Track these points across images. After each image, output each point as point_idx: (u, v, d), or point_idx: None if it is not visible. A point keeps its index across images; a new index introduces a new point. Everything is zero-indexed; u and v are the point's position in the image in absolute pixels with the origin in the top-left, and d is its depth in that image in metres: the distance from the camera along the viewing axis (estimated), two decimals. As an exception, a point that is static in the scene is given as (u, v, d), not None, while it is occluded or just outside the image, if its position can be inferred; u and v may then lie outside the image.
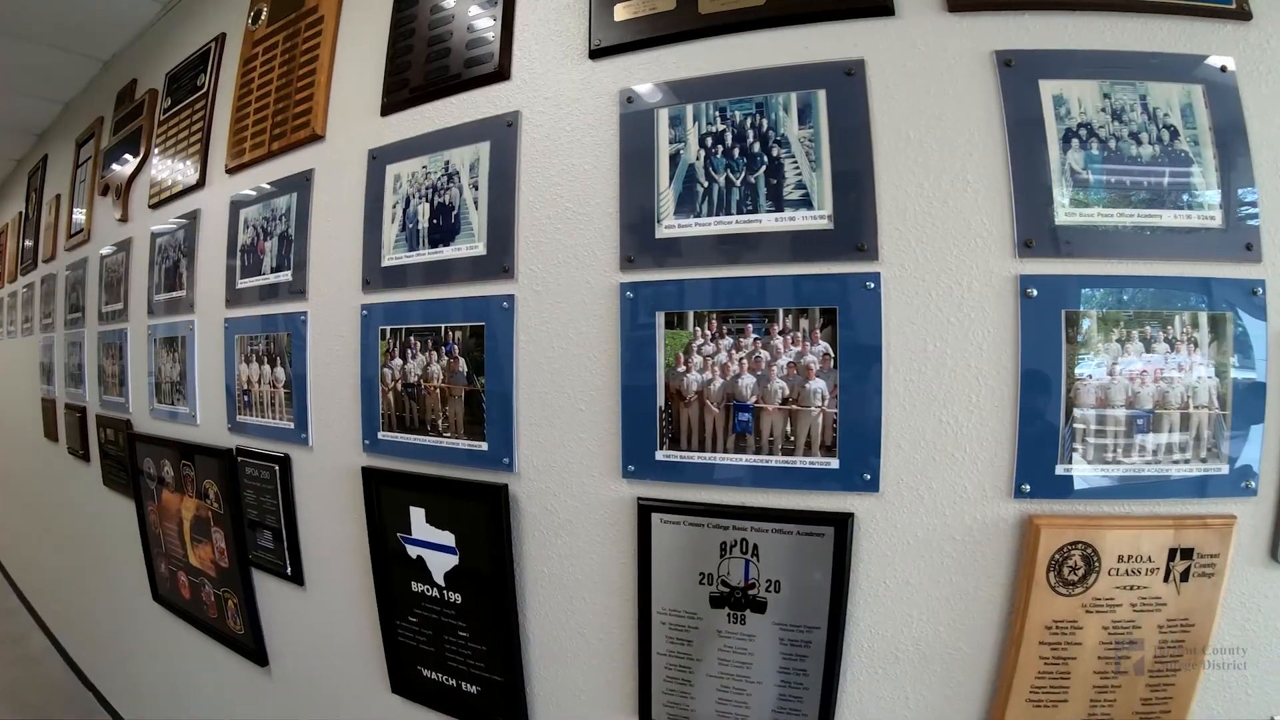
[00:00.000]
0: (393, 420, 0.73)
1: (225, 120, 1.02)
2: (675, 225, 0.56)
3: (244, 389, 0.95)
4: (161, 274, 1.18)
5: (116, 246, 1.38)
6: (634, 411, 0.57)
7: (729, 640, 0.56)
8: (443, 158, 0.70)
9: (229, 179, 1.01)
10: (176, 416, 1.12)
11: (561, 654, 0.65)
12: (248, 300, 0.95)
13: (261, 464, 0.92)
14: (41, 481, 2.03)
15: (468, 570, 0.67)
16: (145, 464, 1.19)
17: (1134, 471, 0.48)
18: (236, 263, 0.97)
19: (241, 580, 0.99)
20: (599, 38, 0.61)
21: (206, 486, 1.04)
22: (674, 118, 0.57)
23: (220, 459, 0.99)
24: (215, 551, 1.03)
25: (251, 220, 0.95)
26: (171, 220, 1.15)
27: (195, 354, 1.08)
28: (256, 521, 0.95)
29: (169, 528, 1.15)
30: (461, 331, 0.66)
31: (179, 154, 1.14)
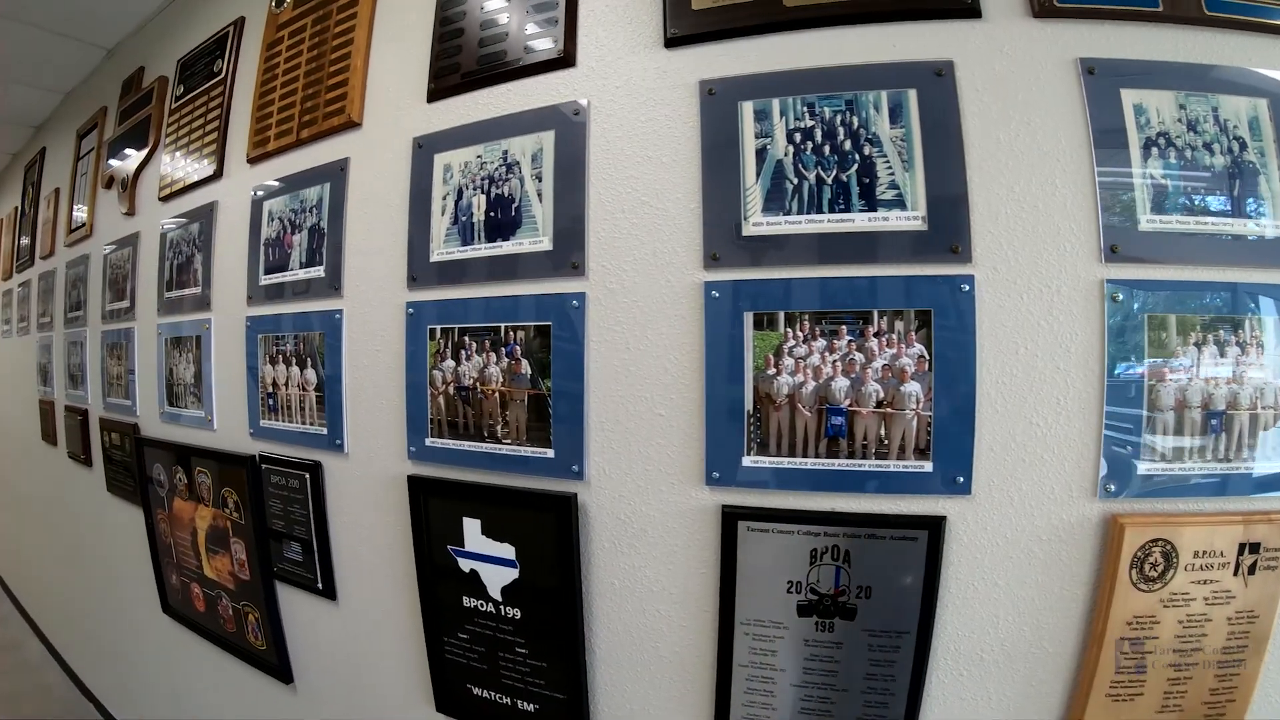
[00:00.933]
0: (443, 426, 0.67)
1: (246, 108, 0.93)
2: (764, 223, 0.54)
3: (269, 392, 0.87)
4: (173, 270, 1.07)
5: (122, 242, 1.27)
6: (719, 416, 0.54)
7: (815, 649, 0.54)
8: (500, 147, 0.65)
9: (250, 169, 0.92)
10: (190, 420, 1.02)
11: (630, 669, 0.61)
12: (273, 297, 0.87)
13: (289, 472, 0.84)
14: (39, 486, 1.91)
15: (529, 584, 0.63)
16: (155, 470, 1.10)
17: (1208, 470, 0.50)
18: (260, 258, 0.88)
19: (265, 594, 0.90)
20: (675, 27, 0.58)
21: (225, 495, 0.95)
22: (759, 112, 0.55)
23: (241, 466, 0.90)
24: (234, 563, 0.95)
25: (277, 213, 0.86)
26: (185, 213, 1.05)
27: (212, 354, 0.98)
28: (282, 533, 0.87)
29: (181, 537, 1.06)
30: (525, 331, 0.62)
31: (193, 144, 1.05)
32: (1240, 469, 0.50)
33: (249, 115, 0.93)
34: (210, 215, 1.00)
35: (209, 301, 0.99)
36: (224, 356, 0.97)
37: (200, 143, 1.04)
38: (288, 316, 0.85)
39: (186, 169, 1.06)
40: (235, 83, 0.98)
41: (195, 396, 1.03)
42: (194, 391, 1.03)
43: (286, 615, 0.91)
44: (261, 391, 0.89)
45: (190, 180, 1.05)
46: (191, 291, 1.03)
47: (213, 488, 0.98)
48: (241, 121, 0.95)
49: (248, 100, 0.93)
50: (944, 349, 0.51)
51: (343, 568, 0.82)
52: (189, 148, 1.07)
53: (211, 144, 1.01)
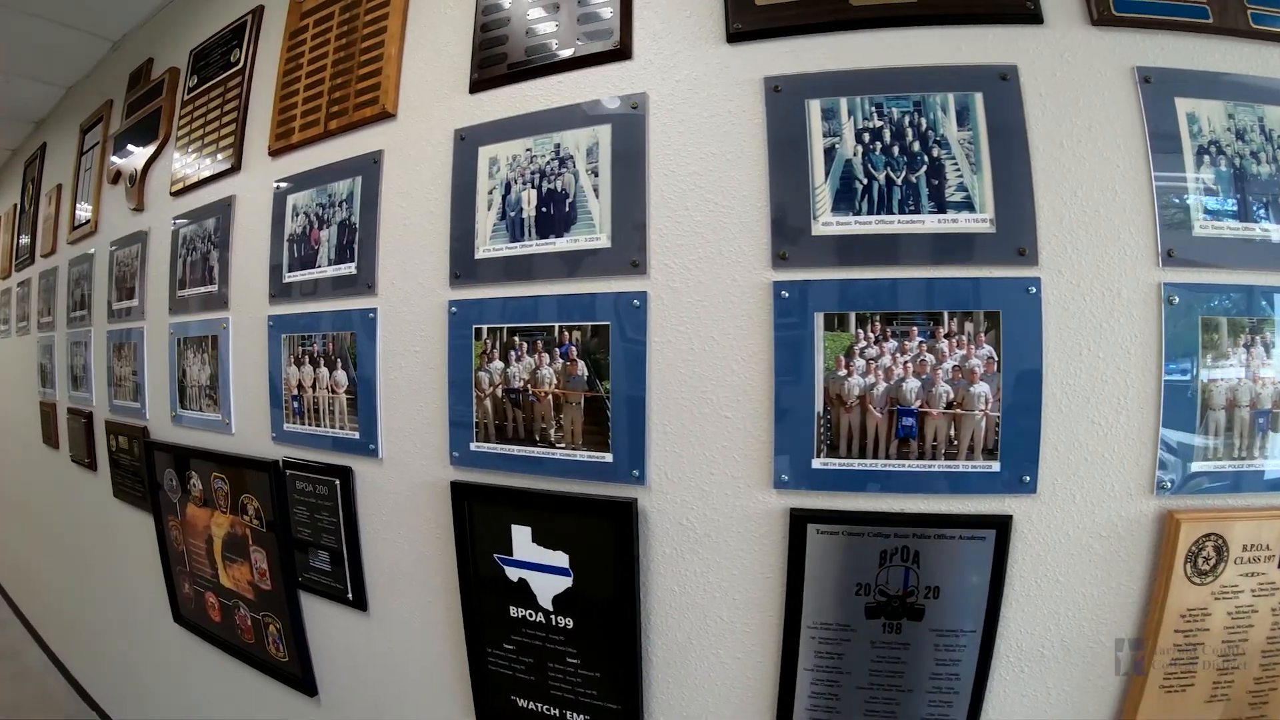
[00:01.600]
0: (490, 430, 0.64)
1: (267, 99, 0.88)
2: (834, 222, 0.53)
3: (294, 394, 0.82)
4: (186, 268, 1.01)
5: (129, 239, 1.23)
6: (788, 418, 0.53)
7: (882, 650, 0.53)
8: (551, 140, 0.62)
9: (272, 162, 0.87)
10: (206, 424, 0.96)
11: (689, 676, 0.59)
12: (299, 295, 0.81)
13: (317, 478, 0.79)
14: (40, 491, 1.84)
15: (583, 593, 0.60)
16: (166, 476, 1.04)
17: (1257, 466, 0.52)
18: (284, 254, 0.83)
19: (288, 604, 0.85)
20: (738, 22, 0.56)
21: (245, 501, 0.89)
22: (827, 111, 0.54)
23: (263, 472, 0.85)
24: (254, 573, 0.90)
25: (302, 207, 0.81)
26: (199, 209, 0.99)
27: (230, 355, 0.92)
28: (309, 541, 0.82)
29: (195, 545, 1.00)
30: (581, 331, 0.59)
31: (208, 136, 0.98)
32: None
33: (270, 106, 0.87)
34: (228, 210, 0.94)
35: (226, 300, 0.93)
36: (243, 357, 0.91)
37: (216, 135, 0.98)
38: (316, 315, 0.80)
39: (201, 162, 1.00)
40: (254, 73, 0.93)
41: (211, 399, 0.96)
42: (209, 393, 0.97)
43: (311, 626, 0.86)
44: (285, 394, 0.83)
45: (206, 174, 0.99)
46: (207, 289, 0.97)
47: (230, 494, 0.92)
48: (262, 113, 0.90)
49: (269, 91, 0.88)
50: (1012, 350, 0.51)
51: (374, 577, 0.77)
52: (204, 140, 1.00)
53: (229, 136, 0.95)
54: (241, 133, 0.94)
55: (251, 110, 0.93)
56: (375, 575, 0.78)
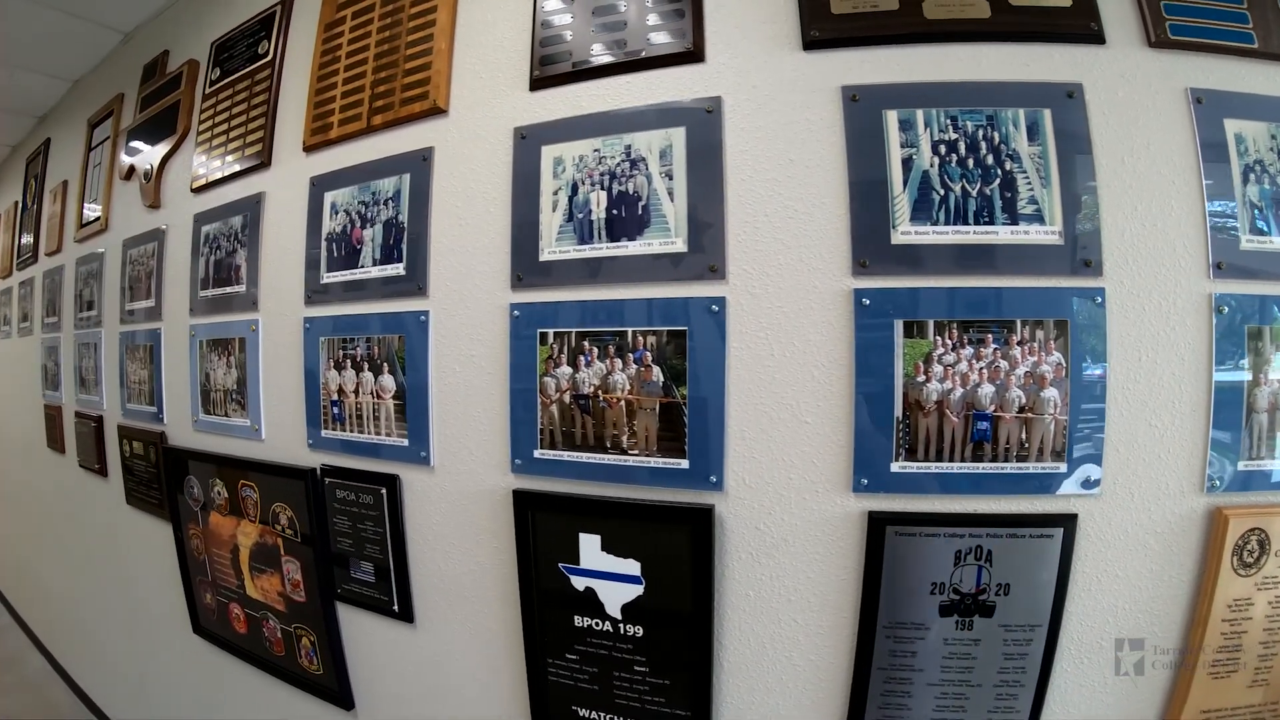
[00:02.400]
0: (556, 437, 0.63)
1: (300, 91, 0.84)
2: (913, 231, 0.54)
3: (333, 399, 0.78)
4: (210, 267, 0.96)
5: (144, 237, 1.20)
6: (869, 422, 0.54)
7: (954, 647, 0.55)
8: (621, 141, 0.61)
9: (307, 158, 0.83)
10: (232, 430, 0.92)
11: (761, 680, 0.60)
12: (339, 297, 0.78)
13: (361, 486, 0.76)
14: (44, 496, 1.78)
15: (655, 600, 0.60)
16: (187, 483, 0.99)
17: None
18: (321, 254, 0.80)
19: (324, 616, 0.82)
20: (815, 29, 0.57)
21: (276, 511, 0.85)
22: (904, 121, 0.55)
23: (299, 480, 0.81)
24: (286, 584, 0.86)
25: (342, 205, 0.78)
26: (224, 206, 0.94)
27: (260, 358, 0.88)
28: (349, 552, 0.79)
29: (219, 554, 0.96)
30: (657, 337, 0.59)
31: (234, 130, 0.94)
32: (1316, 462, 0.58)
33: (305, 100, 0.83)
34: (257, 208, 0.89)
35: (255, 301, 0.89)
36: (275, 360, 0.87)
37: (244, 129, 0.93)
38: (359, 318, 0.77)
39: (226, 158, 0.95)
40: (285, 65, 0.89)
41: (239, 404, 0.91)
42: (237, 398, 0.92)
43: (349, 638, 0.83)
44: (324, 399, 0.80)
45: (232, 170, 0.94)
46: (233, 290, 0.92)
47: (260, 502, 0.88)
48: (294, 106, 0.86)
49: (301, 83, 0.84)
50: (1079, 356, 0.53)
51: (422, 588, 0.75)
52: (229, 135, 0.95)
53: (257, 130, 0.91)
54: (271, 127, 0.89)
55: (282, 104, 0.89)
56: (423, 586, 0.75)
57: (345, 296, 0.79)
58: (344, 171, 0.81)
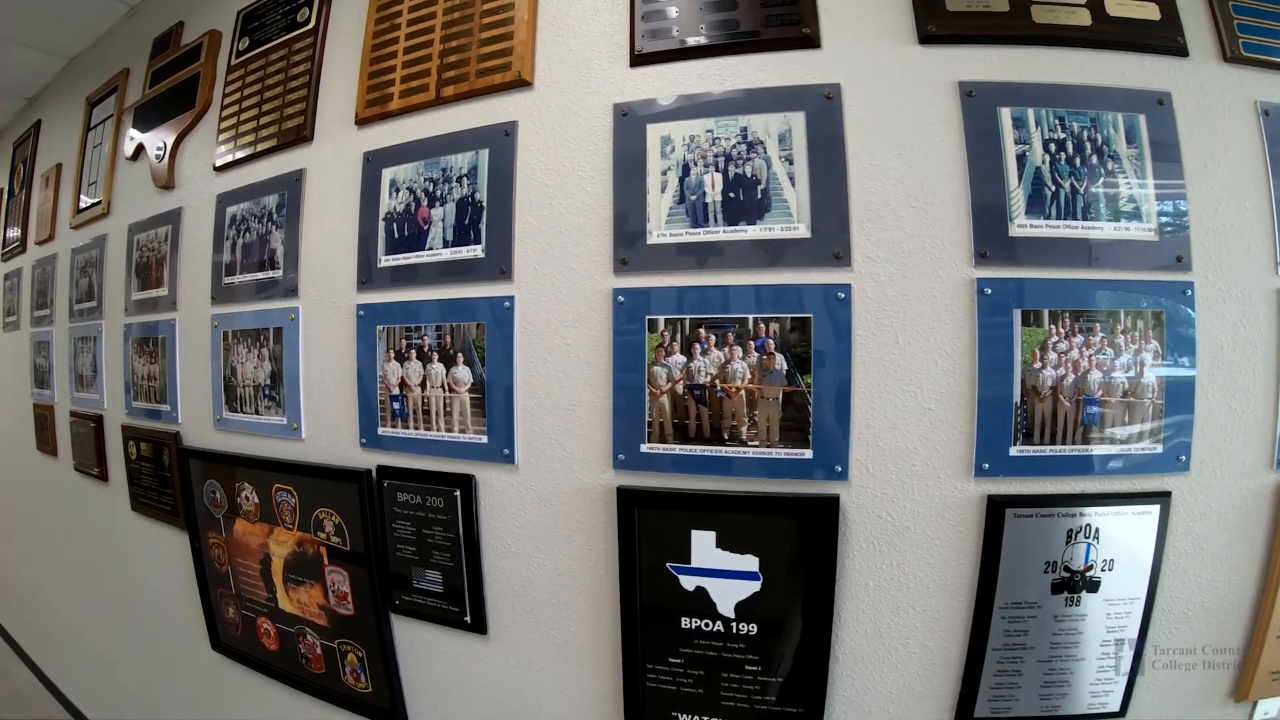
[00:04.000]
0: (667, 430, 0.61)
1: (349, 60, 0.79)
2: (1028, 225, 0.58)
3: (393, 394, 0.72)
4: (237, 251, 0.88)
5: (156, 220, 1.11)
6: (990, 408, 0.57)
7: (1063, 623, 0.59)
8: (736, 123, 0.61)
9: (358, 132, 0.78)
10: (264, 429, 0.85)
11: (876, 671, 0.61)
12: (400, 281, 0.73)
13: (429, 488, 0.71)
14: (34, 502, 1.68)
15: (772, 596, 0.60)
16: (207, 488, 0.92)
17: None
18: (378, 235, 0.74)
19: (377, 630, 0.76)
20: (931, 25, 0.60)
21: (320, 517, 0.79)
22: (1017, 119, 0.59)
23: (351, 482, 0.75)
24: (330, 596, 0.79)
25: (405, 182, 0.73)
26: (255, 184, 0.87)
27: (300, 349, 0.80)
28: (412, 561, 0.73)
29: (245, 565, 0.89)
30: (779, 324, 0.59)
31: (268, 104, 0.87)
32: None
33: (356, 70, 0.78)
34: (296, 186, 0.82)
35: (295, 287, 0.82)
36: (318, 352, 0.80)
37: (280, 102, 0.86)
38: (425, 304, 0.72)
39: (259, 133, 0.88)
40: (329, 32, 0.83)
41: (273, 400, 0.83)
42: (270, 394, 0.84)
43: (405, 654, 0.77)
44: (382, 393, 0.74)
45: (265, 146, 0.86)
46: (267, 275, 0.85)
47: (299, 508, 0.81)
48: (341, 77, 0.80)
49: (351, 52, 0.79)
50: (1172, 344, 0.59)
51: (498, 597, 0.71)
52: (261, 108, 0.88)
53: (297, 103, 0.84)
54: (313, 98, 0.83)
55: (326, 74, 0.83)
56: (499, 594, 0.71)
57: (409, 281, 0.74)
58: (407, 146, 0.75)
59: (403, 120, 0.77)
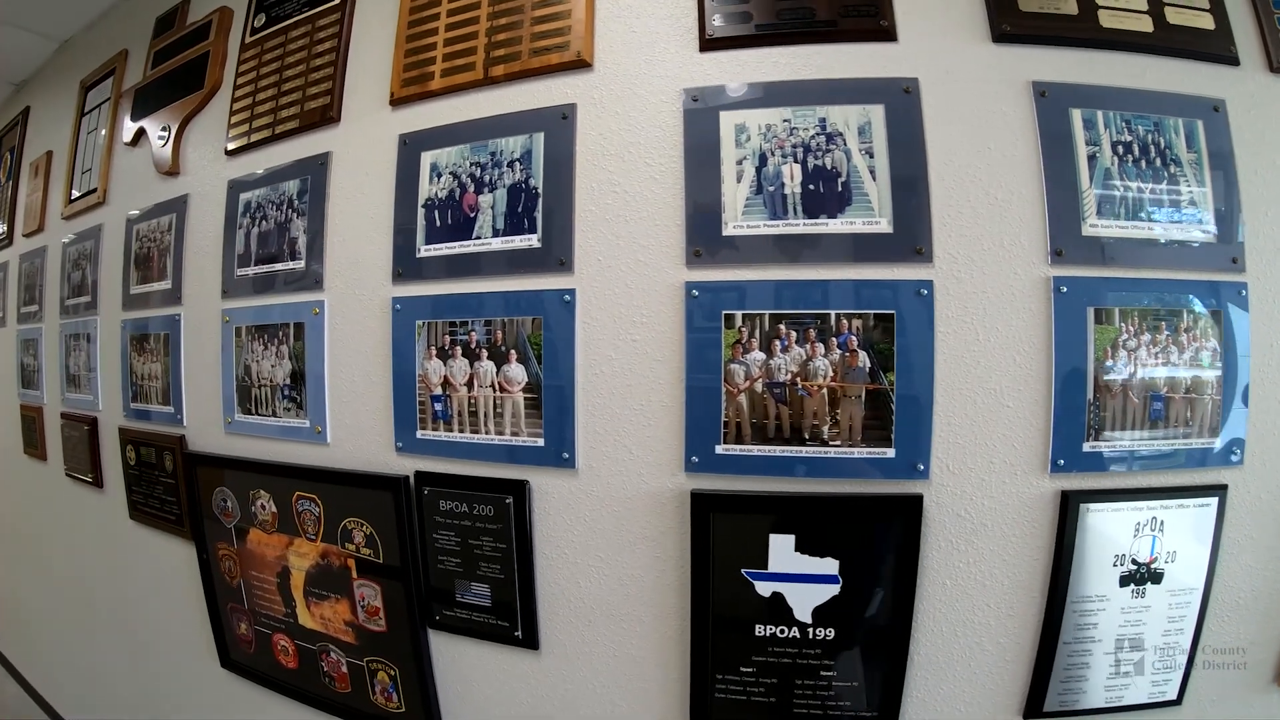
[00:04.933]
0: (744, 430, 0.60)
1: (381, 37, 0.75)
2: (1099, 225, 0.60)
3: (435, 393, 0.69)
4: (253, 241, 0.83)
5: (159, 208, 1.05)
6: (1065, 405, 0.58)
7: (1129, 615, 0.61)
8: (814, 113, 0.61)
9: (393, 113, 0.73)
10: (285, 432, 0.80)
11: (949, 669, 0.62)
12: (442, 273, 0.70)
13: (478, 495, 0.68)
14: (21, 508, 1.61)
15: (851, 600, 0.60)
16: (217, 495, 0.86)
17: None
18: (418, 222, 0.70)
19: (413, 646, 0.72)
20: (1005, 24, 0.61)
21: (349, 527, 0.74)
22: (1087, 120, 0.61)
23: (385, 490, 0.71)
24: (359, 611, 0.75)
25: (449, 166, 0.69)
26: (273, 169, 0.82)
27: (326, 346, 0.75)
28: (455, 573, 0.70)
29: (261, 578, 0.84)
30: (862, 320, 0.59)
31: (288, 84, 0.82)
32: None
33: (390, 47, 0.74)
34: (321, 171, 0.77)
35: (320, 279, 0.76)
36: (346, 349, 0.75)
37: (301, 81, 0.81)
38: (474, 297, 0.68)
39: (277, 114, 0.82)
40: (357, 7, 0.78)
41: (294, 401, 0.78)
42: (291, 395, 0.78)
43: (443, 672, 0.74)
44: (421, 394, 0.70)
45: (285, 128, 0.81)
46: (288, 267, 0.79)
47: (323, 517, 0.76)
48: (373, 54, 0.76)
49: (383, 29, 0.75)
50: (1228, 341, 0.62)
51: (552, 609, 0.68)
52: (280, 88, 0.83)
53: (321, 82, 0.79)
54: (340, 77, 0.78)
55: (355, 51, 0.78)
56: (553, 606, 0.69)
57: (453, 272, 0.70)
58: (451, 128, 0.72)
59: (445, 101, 0.73)
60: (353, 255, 0.78)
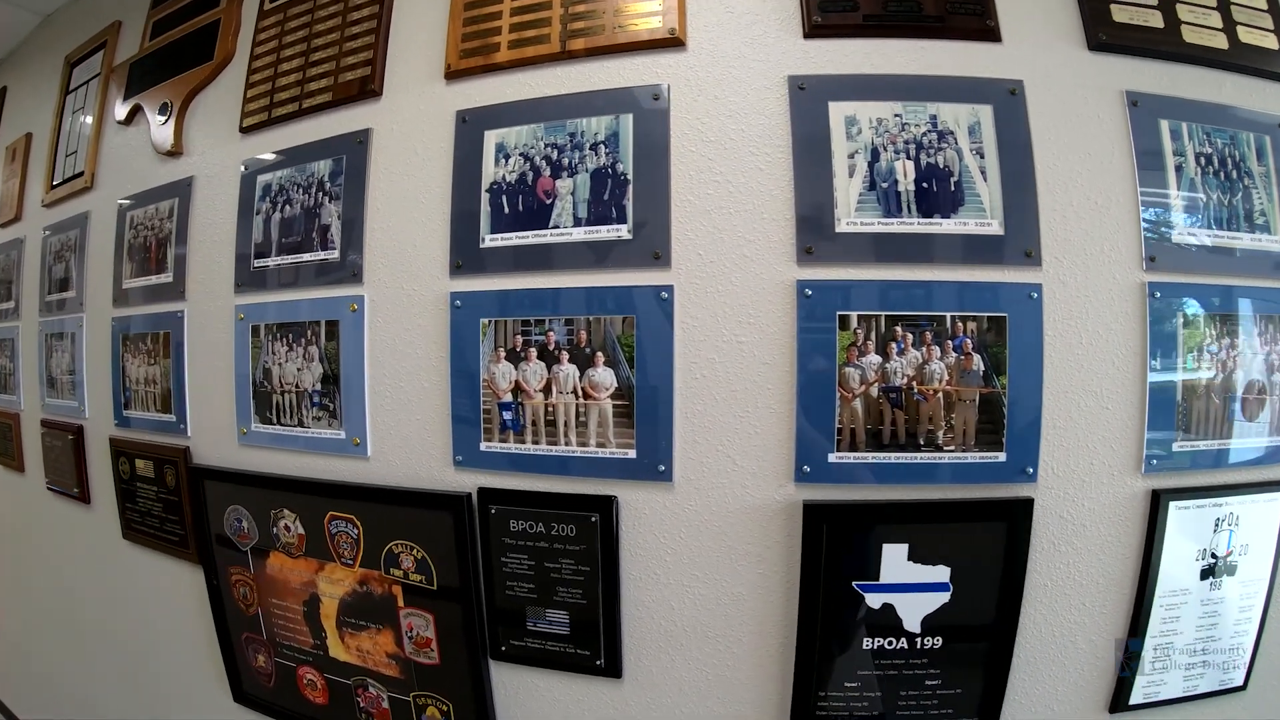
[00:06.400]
0: (859, 437, 0.61)
1: (430, 3, 0.70)
2: (1185, 232, 0.65)
3: (502, 401, 0.64)
4: (274, 229, 0.76)
5: (156, 193, 0.98)
6: (1158, 407, 0.63)
7: (1207, 607, 0.67)
8: (925, 110, 0.62)
9: (448, 86, 0.69)
10: (314, 444, 0.74)
11: (1045, 670, 0.65)
12: (512, 265, 0.66)
13: (555, 514, 0.64)
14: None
15: (959, 607, 0.61)
16: (231, 515, 0.80)
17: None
18: (481, 209, 0.66)
19: (473, 681, 0.68)
20: (1102, 33, 0.65)
21: (395, 552, 0.69)
22: (1174, 131, 0.66)
23: (442, 510, 0.66)
24: (405, 643, 0.70)
25: (519, 146, 0.66)
26: (298, 147, 0.76)
27: (366, 347, 0.69)
28: (528, 599, 0.66)
29: (284, 606, 0.78)
30: (977, 323, 0.60)
31: (318, 53, 0.77)
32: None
33: (444, 13, 0.70)
34: (360, 149, 0.71)
35: (359, 272, 0.70)
36: (392, 350, 0.70)
37: (335, 51, 0.74)
38: (547, 293, 0.65)
39: (304, 86, 0.76)
40: None
41: (326, 409, 0.71)
42: (322, 402, 0.72)
43: (506, 704, 0.70)
44: (487, 400, 0.66)
45: (314, 102, 0.74)
46: (317, 258, 0.73)
47: (363, 540, 0.70)
48: (422, 21, 0.71)
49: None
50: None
51: (638, 634, 0.66)
52: (309, 58, 0.77)
53: (360, 51, 0.73)
54: (382, 45, 0.72)
55: (399, 17, 0.72)
56: (641, 631, 0.66)
57: (525, 265, 0.66)
58: (521, 104, 0.68)
59: (512, 75, 0.69)
60: (399, 245, 0.72)
